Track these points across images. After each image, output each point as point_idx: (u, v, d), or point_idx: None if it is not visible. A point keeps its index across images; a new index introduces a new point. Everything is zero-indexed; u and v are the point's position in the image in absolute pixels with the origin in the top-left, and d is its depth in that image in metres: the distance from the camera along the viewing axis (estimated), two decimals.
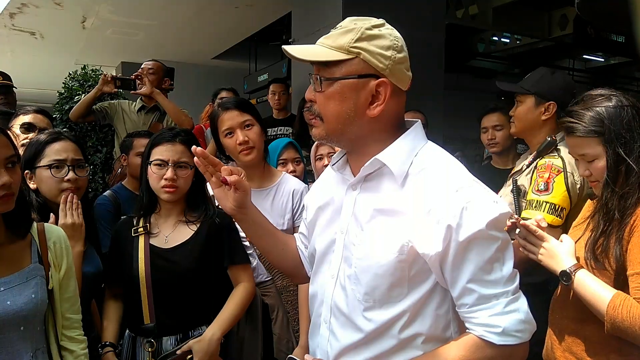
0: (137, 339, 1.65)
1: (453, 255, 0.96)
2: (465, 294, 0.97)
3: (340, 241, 1.09)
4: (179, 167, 1.66)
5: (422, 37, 3.95)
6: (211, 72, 8.19)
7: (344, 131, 1.04)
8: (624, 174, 1.27)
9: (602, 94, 1.34)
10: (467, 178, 1.02)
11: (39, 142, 1.68)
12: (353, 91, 1.01)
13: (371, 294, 1.02)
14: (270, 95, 4.17)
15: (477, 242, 0.95)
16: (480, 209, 0.96)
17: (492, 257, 0.97)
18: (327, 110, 1.04)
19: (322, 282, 1.14)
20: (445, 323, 1.03)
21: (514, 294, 0.98)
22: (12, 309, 1.22)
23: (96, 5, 5.63)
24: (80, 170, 1.69)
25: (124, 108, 3.31)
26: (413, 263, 0.99)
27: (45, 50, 7.45)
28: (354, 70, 1.01)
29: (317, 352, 1.14)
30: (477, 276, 0.96)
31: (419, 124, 1.10)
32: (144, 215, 1.72)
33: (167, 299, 1.64)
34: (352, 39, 1.00)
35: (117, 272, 1.70)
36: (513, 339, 0.96)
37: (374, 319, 1.02)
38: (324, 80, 1.02)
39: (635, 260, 1.21)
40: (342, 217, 1.11)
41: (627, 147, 1.26)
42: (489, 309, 0.96)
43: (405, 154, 1.04)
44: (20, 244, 1.33)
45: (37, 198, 1.65)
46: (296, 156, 2.36)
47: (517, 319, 0.96)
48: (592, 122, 1.30)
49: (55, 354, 1.35)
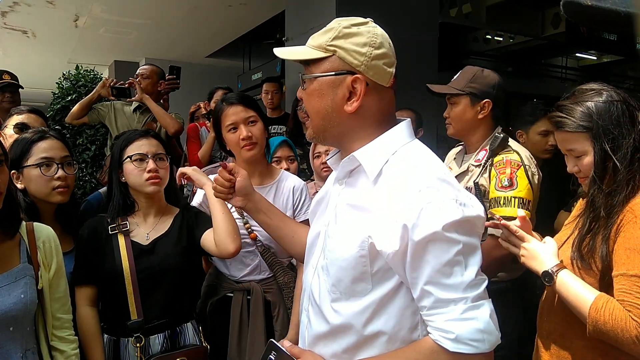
0: (119, 341, 1.63)
1: (411, 256, 0.95)
2: (424, 296, 0.96)
3: (323, 233, 1.14)
4: (159, 159, 1.71)
5: (415, 36, 3.96)
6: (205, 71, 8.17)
7: (326, 128, 1.09)
8: (611, 171, 1.24)
9: (593, 88, 1.31)
10: (436, 179, 0.99)
11: (24, 141, 1.66)
12: (330, 88, 1.05)
13: (337, 285, 1.05)
14: (264, 95, 4.16)
15: (434, 243, 0.93)
16: (440, 210, 0.94)
17: (451, 260, 0.94)
18: (310, 107, 1.09)
19: (306, 272, 1.19)
20: (412, 324, 1.02)
21: (475, 301, 0.94)
22: (1, 310, 1.21)
23: (89, 3, 5.59)
24: (68, 168, 1.68)
25: (117, 108, 3.37)
26: (375, 259, 0.99)
27: (37, 49, 7.41)
28: (330, 67, 1.04)
29: (299, 339, 1.19)
30: (435, 279, 0.94)
31: (407, 122, 1.11)
32: (119, 215, 1.71)
33: (153, 292, 1.63)
34: (330, 38, 1.04)
35: (91, 269, 1.66)
36: (468, 348, 0.93)
37: (339, 311, 1.05)
38: (305, 78, 1.08)
39: (620, 261, 1.18)
40: (327, 210, 1.16)
41: (614, 143, 1.24)
42: (445, 313, 0.94)
43: (381, 152, 1.05)
44: (8, 244, 1.32)
45: (25, 198, 1.63)
46: (290, 154, 2.38)
47: (474, 327, 0.93)
48: (581, 117, 1.27)
49: (45, 354, 1.34)
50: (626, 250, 1.18)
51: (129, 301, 1.60)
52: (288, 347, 1.12)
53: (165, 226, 1.74)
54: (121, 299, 1.61)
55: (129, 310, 1.60)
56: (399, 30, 1.10)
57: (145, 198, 1.72)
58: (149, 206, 1.74)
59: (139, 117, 3.35)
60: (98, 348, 1.61)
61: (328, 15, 3.85)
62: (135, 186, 1.69)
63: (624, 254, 1.18)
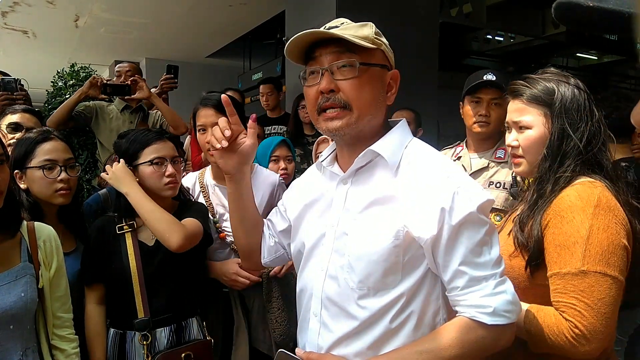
0: (125, 334, 1.64)
1: (446, 239, 0.99)
2: (457, 277, 1.00)
3: (331, 234, 1.11)
4: (175, 163, 1.71)
5: (416, 35, 3.95)
6: (205, 71, 8.18)
7: (373, 116, 1.08)
8: (563, 152, 1.23)
9: (562, 73, 1.31)
10: (454, 166, 1.08)
11: (28, 141, 1.66)
12: (379, 79, 1.09)
13: (365, 281, 1.04)
14: (260, 96, 4.18)
15: (468, 225, 0.99)
16: (471, 193, 1.00)
17: (482, 240, 1.00)
18: (362, 95, 1.05)
19: (311, 277, 1.15)
20: (435, 309, 1.06)
21: (502, 276, 1.01)
22: (1, 308, 1.22)
23: (89, 3, 5.60)
24: (71, 170, 1.68)
25: (102, 109, 3.12)
26: (407, 248, 1.02)
27: (38, 49, 7.42)
28: (378, 59, 1.09)
29: (307, 347, 1.14)
30: (468, 259, 0.99)
31: (404, 121, 1.16)
32: (127, 215, 1.71)
33: (159, 290, 1.64)
34: (372, 32, 1.07)
35: (100, 268, 1.67)
36: (503, 319, 0.98)
37: (368, 307, 1.04)
38: (361, 65, 1.04)
39: (552, 260, 1.16)
40: (332, 211, 1.13)
41: (572, 126, 1.23)
42: (479, 290, 0.99)
43: (396, 145, 1.09)
44: (9, 243, 1.32)
45: (28, 198, 1.63)
46: (288, 154, 2.39)
47: (506, 299, 0.99)
48: (543, 90, 1.27)
49: (45, 352, 1.35)
50: (556, 248, 1.15)
51: (136, 300, 1.61)
52: (303, 354, 1.10)
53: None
54: (128, 298, 1.62)
55: (135, 309, 1.61)
56: (400, 30, 1.12)
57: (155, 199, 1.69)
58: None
59: (128, 117, 3.17)
60: (100, 347, 1.62)
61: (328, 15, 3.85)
62: (152, 189, 1.68)
63: (554, 251, 1.15)
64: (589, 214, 1.13)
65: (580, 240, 1.11)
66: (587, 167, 1.22)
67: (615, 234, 1.12)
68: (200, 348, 1.65)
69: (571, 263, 1.12)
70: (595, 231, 1.11)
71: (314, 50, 1.08)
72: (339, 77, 1.05)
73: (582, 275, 1.10)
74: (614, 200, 1.16)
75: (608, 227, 1.12)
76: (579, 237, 1.12)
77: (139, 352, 1.60)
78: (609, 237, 1.11)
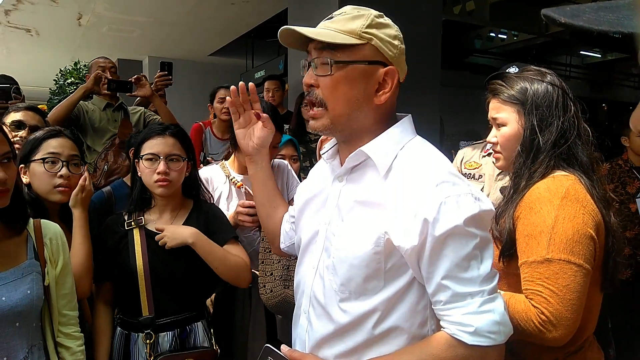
0: (130, 335, 1.63)
1: (429, 250, 0.94)
2: (440, 291, 0.95)
3: (323, 232, 1.09)
4: (171, 160, 1.66)
5: (418, 33, 3.94)
6: (208, 69, 8.19)
7: (350, 117, 1.03)
8: (536, 147, 1.27)
9: (540, 70, 1.35)
10: (449, 174, 0.98)
11: (37, 137, 1.66)
12: (362, 77, 1.01)
13: (347, 284, 1.01)
14: (265, 93, 4.17)
15: (453, 237, 0.93)
16: (459, 204, 0.93)
17: (469, 254, 0.94)
18: (336, 94, 1.02)
19: (304, 273, 1.14)
20: (422, 319, 1.01)
21: (490, 294, 0.95)
22: (7, 305, 1.22)
23: (92, 2, 5.60)
24: (74, 168, 1.67)
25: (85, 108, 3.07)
26: (389, 256, 0.98)
27: (41, 47, 7.43)
28: (364, 55, 1.00)
29: (296, 342, 1.15)
30: (453, 273, 0.93)
31: (409, 118, 1.10)
32: (136, 210, 1.71)
33: (166, 290, 1.63)
34: (363, 25, 1.00)
35: (107, 267, 1.67)
36: (486, 340, 0.93)
37: (349, 311, 1.01)
38: (334, 64, 1.00)
39: (522, 249, 1.19)
40: (326, 208, 1.10)
41: (543, 122, 1.27)
42: (462, 307, 0.94)
43: (390, 146, 1.03)
44: (16, 240, 1.32)
45: (30, 193, 1.62)
46: (294, 154, 2.41)
47: (492, 319, 0.93)
48: (518, 90, 1.31)
49: (51, 350, 1.35)
50: (525, 238, 1.19)
51: (141, 297, 1.60)
52: (287, 351, 1.07)
53: (179, 223, 1.71)
54: (134, 295, 1.61)
55: (140, 306, 1.60)
56: (402, 28, 1.09)
57: (158, 196, 1.70)
58: (165, 203, 1.72)
59: (112, 116, 3.12)
60: (104, 345, 1.62)
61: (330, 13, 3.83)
62: (146, 185, 1.68)
63: (523, 241, 1.19)
64: (555, 205, 1.17)
65: (546, 230, 1.15)
66: (563, 161, 1.26)
67: (581, 223, 1.15)
68: (203, 356, 1.62)
69: (537, 252, 1.16)
70: (561, 221, 1.15)
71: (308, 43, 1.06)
72: (319, 72, 1.02)
73: (547, 263, 1.14)
74: (583, 192, 1.20)
75: (574, 217, 1.15)
76: (545, 227, 1.16)
77: (142, 354, 1.59)
78: (574, 226, 1.15)
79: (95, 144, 3.03)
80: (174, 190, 1.70)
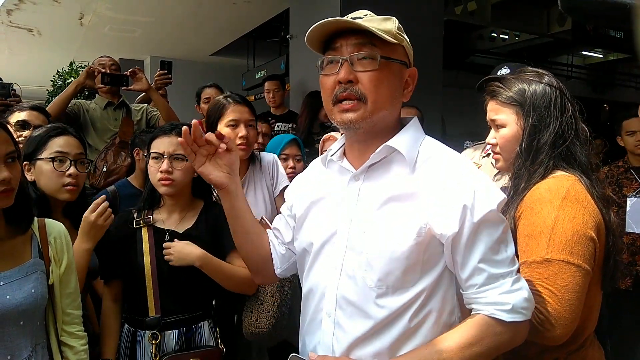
0: (137, 333, 1.64)
1: (467, 235, 0.99)
2: (476, 274, 1.00)
3: (344, 232, 1.08)
4: (175, 159, 1.66)
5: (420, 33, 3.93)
6: (209, 69, 8.18)
7: (387, 113, 1.07)
8: (535, 148, 1.28)
9: (537, 71, 1.36)
10: (471, 164, 1.07)
11: (42, 134, 1.67)
12: (398, 74, 1.08)
13: (384, 279, 1.02)
14: (265, 93, 4.17)
15: (488, 223, 1.00)
16: (489, 191, 1.01)
17: (500, 237, 1.01)
18: (380, 89, 1.04)
19: (322, 275, 1.11)
20: (452, 307, 1.06)
21: (517, 273, 1.03)
22: (12, 304, 1.22)
23: (94, 2, 5.61)
24: (81, 166, 1.68)
25: (85, 107, 3.10)
26: (428, 246, 1.02)
27: (42, 47, 7.43)
28: (399, 55, 1.08)
29: (318, 349, 1.11)
30: (487, 256, 1.00)
31: (416, 119, 1.15)
32: (145, 208, 1.71)
33: (173, 290, 1.63)
34: (395, 26, 1.06)
35: (115, 265, 1.68)
36: (520, 316, 0.99)
37: (386, 306, 1.03)
38: (382, 59, 1.04)
39: (521, 250, 1.20)
40: (344, 208, 1.10)
41: (541, 123, 1.28)
42: (498, 287, 1.00)
43: (413, 142, 1.09)
44: (20, 239, 1.33)
45: (35, 190, 1.62)
46: (298, 153, 2.40)
47: (523, 296, 1.00)
48: (516, 91, 1.32)
49: (55, 349, 1.35)
50: (525, 238, 1.20)
51: (148, 297, 1.60)
52: (317, 358, 1.06)
53: (189, 223, 1.71)
54: (141, 294, 1.61)
55: (147, 306, 1.61)
56: (404, 28, 1.10)
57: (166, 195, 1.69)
58: (173, 203, 1.72)
59: (112, 114, 3.14)
60: (111, 343, 1.63)
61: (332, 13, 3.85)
62: (152, 183, 1.68)
63: (523, 241, 1.20)
64: (555, 205, 1.18)
65: (546, 230, 1.16)
66: (562, 161, 1.27)
67: (581, 224, 1.16)
68: (209, 355, 1.62)
69: (537, 252, 1.17)
70: (561, 221, 1.16)
71: (334, 40, 1.06)
72: (358, 68, 1.04)
73: (546, 263, 1.15)
74: (584, 192, 1.20)
75: (574, 217, 1.16)
76: (545, 227, 1.17)
77: (148, 352, 1.60)
78: (574, 227, 1.15)
79: (96, 142, 3.04)
80: (179, 189, 1.69)
